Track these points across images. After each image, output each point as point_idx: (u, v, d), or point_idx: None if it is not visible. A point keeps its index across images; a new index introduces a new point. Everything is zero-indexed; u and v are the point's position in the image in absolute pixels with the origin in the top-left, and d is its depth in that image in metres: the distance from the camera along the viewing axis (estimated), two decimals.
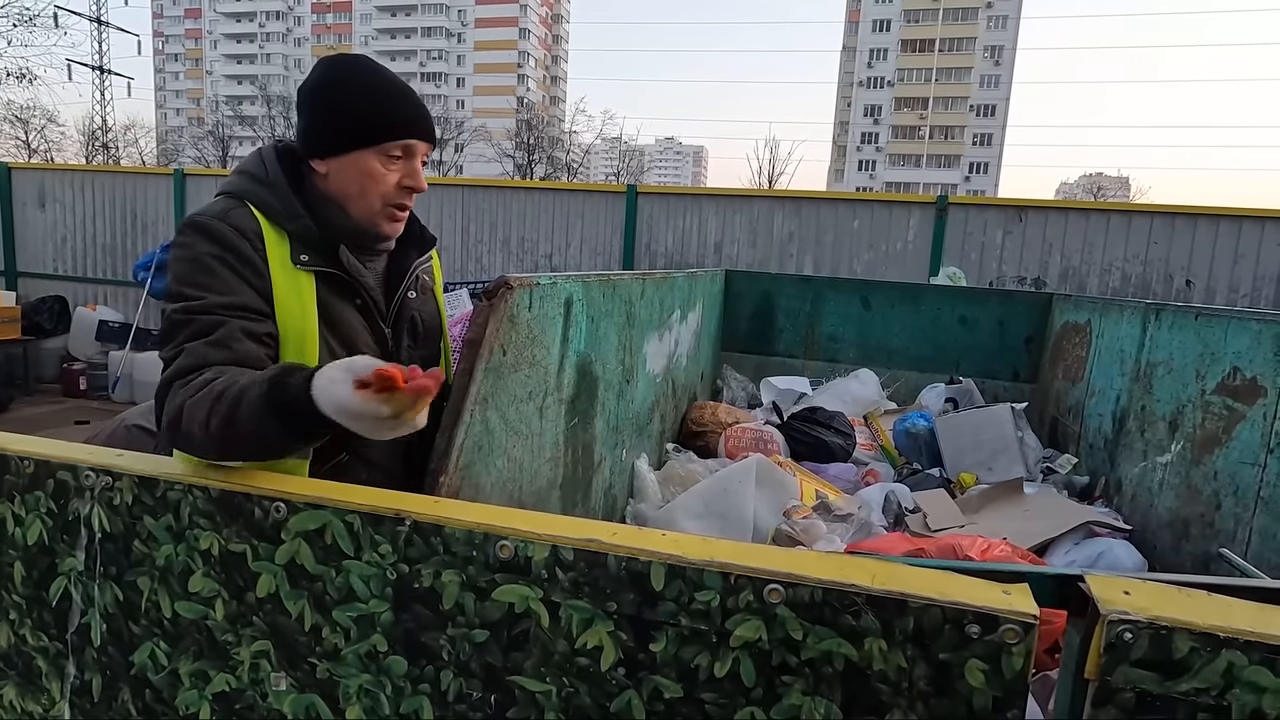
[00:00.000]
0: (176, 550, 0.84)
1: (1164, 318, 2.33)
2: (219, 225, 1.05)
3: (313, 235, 1.09)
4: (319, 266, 1.09)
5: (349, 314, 1.13)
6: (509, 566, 0.73)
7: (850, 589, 0.65)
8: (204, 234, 1.04)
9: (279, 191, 1.10)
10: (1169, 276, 5.01)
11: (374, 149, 1.09)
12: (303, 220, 1.09)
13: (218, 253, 1.03)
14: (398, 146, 1.10)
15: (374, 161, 1.09)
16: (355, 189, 1.10)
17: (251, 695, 0.83)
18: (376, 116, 1.09)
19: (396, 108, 1.10)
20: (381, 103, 1.09)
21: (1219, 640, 0.58)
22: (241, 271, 1.04)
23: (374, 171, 1.09)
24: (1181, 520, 2.05)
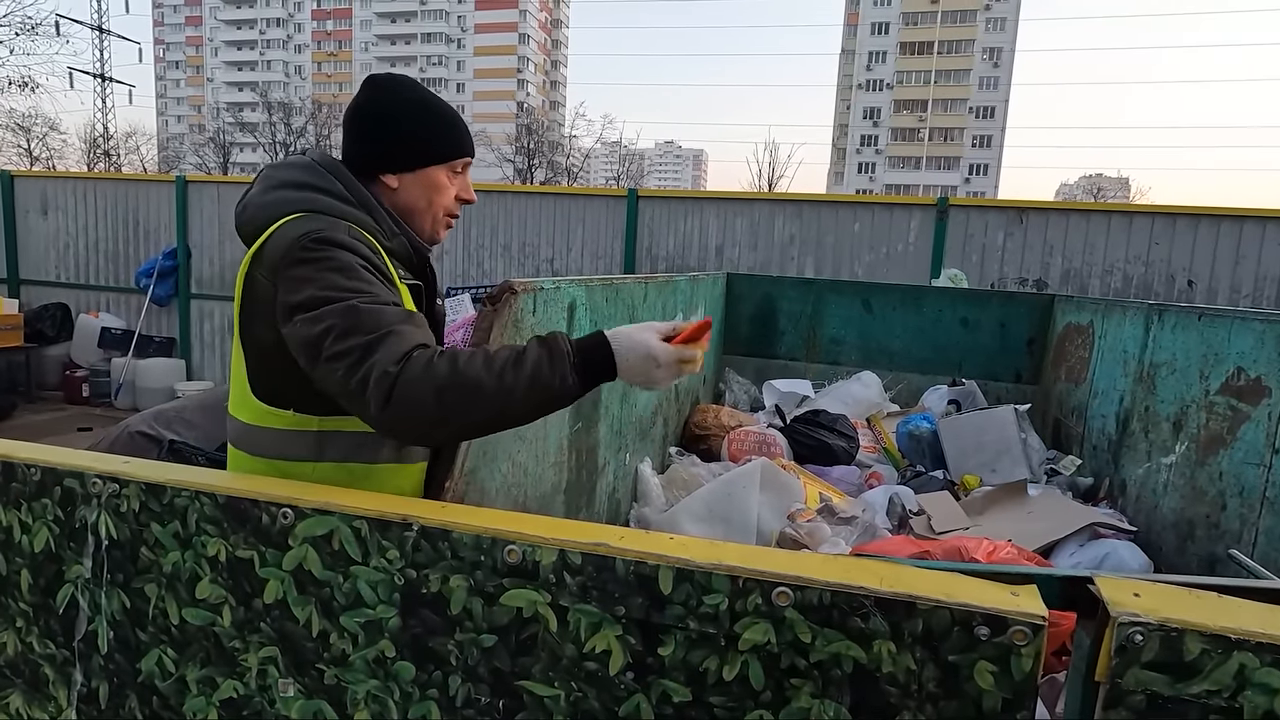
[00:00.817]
0: (184, 557, 0.84)
1: (1167, 318, 2.33)
2: (350, 240, 1.03)
3: (407, 251, 1.15)
4: (411, 279, 1.15)
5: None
6: (517, 571, 0.73)
7: (858, 591, 0.65)
8: (342, 247, 1.01)
9: (374, 210, 1.12)
10: (1171, 277, 5.01)
11: (445, 165, 1.17)
12: (399, 238, 1.14)
13: (362, 262, 1.01)
14: (461, 163, 1.19)
15: (443, 176, 1.18)
16: (424, 202, 1.17)
17: (259, 702, 0.83)
18: (448, 135, 1.18)
19: (461, 127, 1.20)
20: (450, 122, 1.19)
21: (1230, 642, 0.58)
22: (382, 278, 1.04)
23: (442, 185, 1.17)
24: (1187, 521, 2.05)
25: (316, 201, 1.07)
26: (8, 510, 0.93)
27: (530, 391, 0.91)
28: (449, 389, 0.89)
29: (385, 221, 1.12)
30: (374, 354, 0.90)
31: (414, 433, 0.95)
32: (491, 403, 0.90)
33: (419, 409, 0.89)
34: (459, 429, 0.94)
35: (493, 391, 0.90)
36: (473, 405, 0.90)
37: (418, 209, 1.17)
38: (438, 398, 0.89)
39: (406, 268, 1.16)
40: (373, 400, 0.89)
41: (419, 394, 0.88)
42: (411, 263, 1.17)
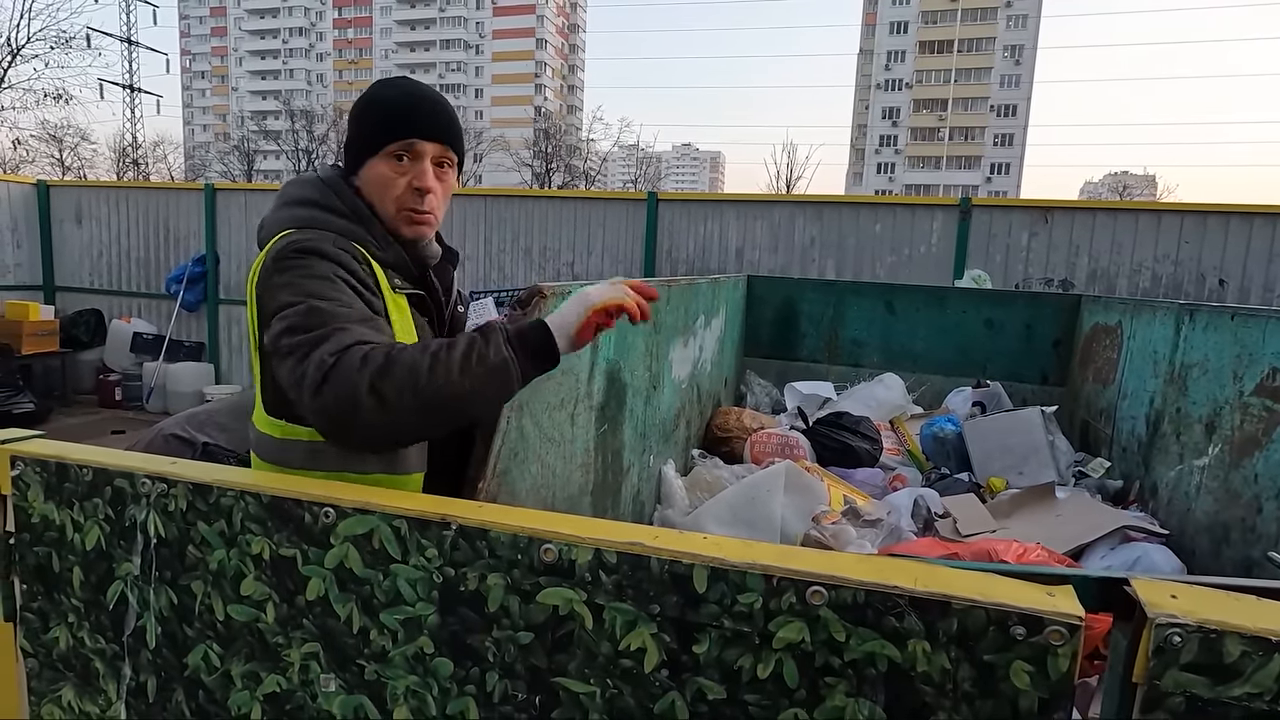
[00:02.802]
0: (229, 555, 0.87)
1: (1198, 318, 2.30)
2: (334, 250, 1.04)
3: (403, 261, 1.14)
4: (409, 288, 1.14)
5: (428, 332, 1.17)
6: (553, 569, 0.75)
7: (893, 591, 0.65)
8: (323, 256, 1.03)
9: (364, 221, 1.12)
10: (1201, 276, 4.91)
11: (380, 155, 1.12)
12: (394, 247, 1.13)
13: (339, 274, 1.02)
14: (399, 147, 1.11)
15: (383, 167, 1.12)
16: (376, 197, 1.13)
17: (301, 696, 0.86)
18: (378, 123, 1.12)
19: (398, 111, 1.12)
20: (385, 109, 1.13)
21: (1271, 644, 0.58)
22: (365, 296, 1.04)
23: (384, 177, 1.12)
24: (1221, 525, 2.01)
25: (315, 218, 1.10)
26: (60, 509, 0.96)
27: (465, 369, 0.91)
28: (381, 375, 0.89)
29: (377, 231, 1.12)
30: (318, 347, 0.92)
31: (345, 423, 0.91)
32: (426, 386, 0.89)
33: (350, 396, 0.89)
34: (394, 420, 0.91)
35: (426, 373, 0.89)
36: (405, 389, 0.89)
37: (375, 205, 1.13)
38: (370, 385, 0.89)
39: (405, 277, 1.14)
40: (307, 389, 0.90)
41: (351, 381, 0.89)
42: (410, 272, 1.15)
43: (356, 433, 0.93)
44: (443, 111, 1.15)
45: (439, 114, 1.14)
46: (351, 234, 1.09)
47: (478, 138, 49.01)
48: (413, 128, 1.12)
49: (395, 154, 1.12)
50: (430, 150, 1.13)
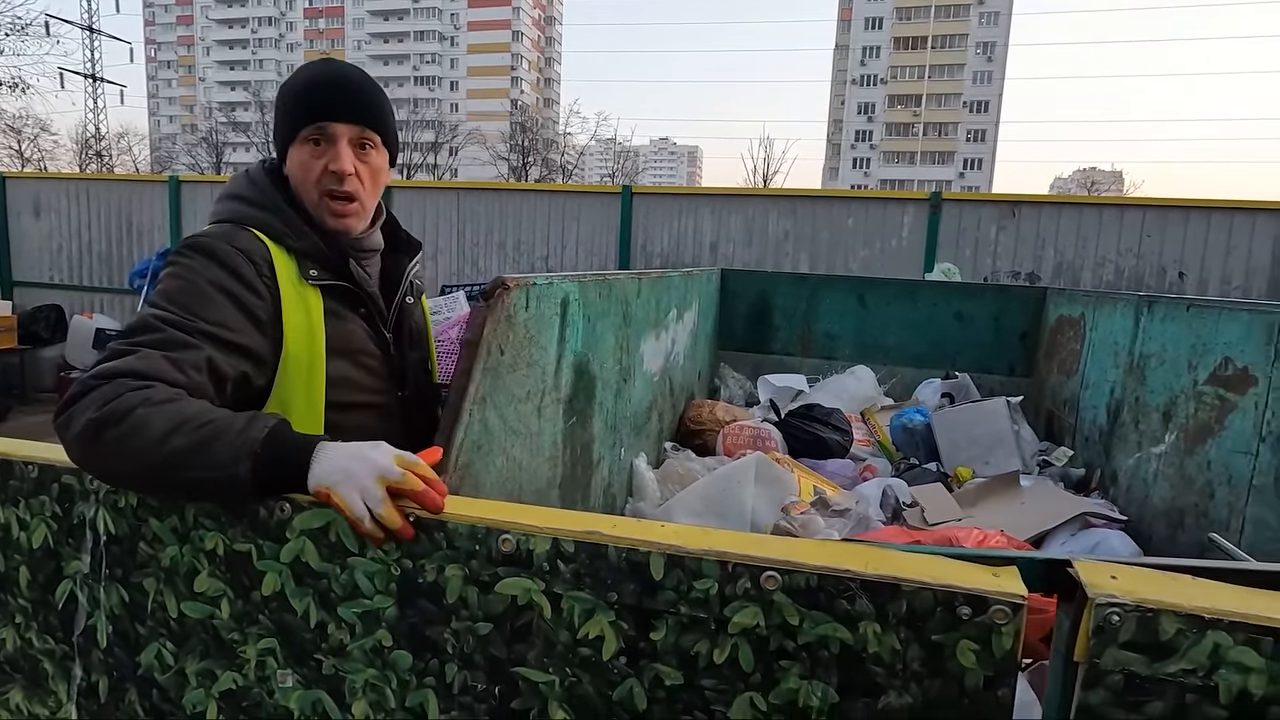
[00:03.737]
0: (182, 551, 0.85)
1: (1156, 310, 2.35)
2: (225, 248, 1.02)
3: (320, 251, 1.10)
4: (327, 280, 1.11)
5: (354, 324, 1.14)
6: (511, 560, 0.74)
7: (845, 574, 0.66)
8: (207, 256, 1.01)
9: (278, 211, 1.10)
10: (1162, 269, 5.04)
11: (297, 142, 1.09)
12: (309, 237, 1.10)
13: (218, 278, 1.00)
14: (311, 132, 1.08)
15: (300, 154, 1.10)
16: (298, 186, 1.11)
17: (258, 693, 0.85)
18: (291, 109, 1.10)
19: (308, 94, 1.09)
20: (297, 94, 1.09)
21: (1204, 622, 0.60)
22: (242, 299, 1.00)
23: (303, 163, 1.10)
24: (1176, 510, 2.07)
25: (235, 211, 1.09)
26: (5, 507, 0.94)
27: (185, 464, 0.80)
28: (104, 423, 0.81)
29: (294, 222, 1.09)
30: (107, 360, 0.88)
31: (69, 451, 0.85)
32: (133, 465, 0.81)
33: (69, 425, 0.83)
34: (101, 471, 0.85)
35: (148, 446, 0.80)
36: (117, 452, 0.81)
37: (300, 195, 1.10)
38: (88, 425, 0.81)
39: (323, 267, 1.10)
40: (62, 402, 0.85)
41: (82, 411, 0.82)
42: (328, 261, 1.11)
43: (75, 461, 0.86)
44: (356, 90, 1.11)
45: (351, 93, 1.10)
46: (265, 225, 1.08)
47: (453, 131, 48.49)
48: (323, 110, 1.08)
49: (310, 138, 1.09)
50: (345, 132, 1.09)
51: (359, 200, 1.13)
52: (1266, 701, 0.59)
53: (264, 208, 1.09)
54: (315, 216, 1.12)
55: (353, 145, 1.11)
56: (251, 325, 1.01)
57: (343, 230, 1.13)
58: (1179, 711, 0.60)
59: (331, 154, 1.09)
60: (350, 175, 1.10)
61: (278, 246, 1.07)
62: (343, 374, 1.09)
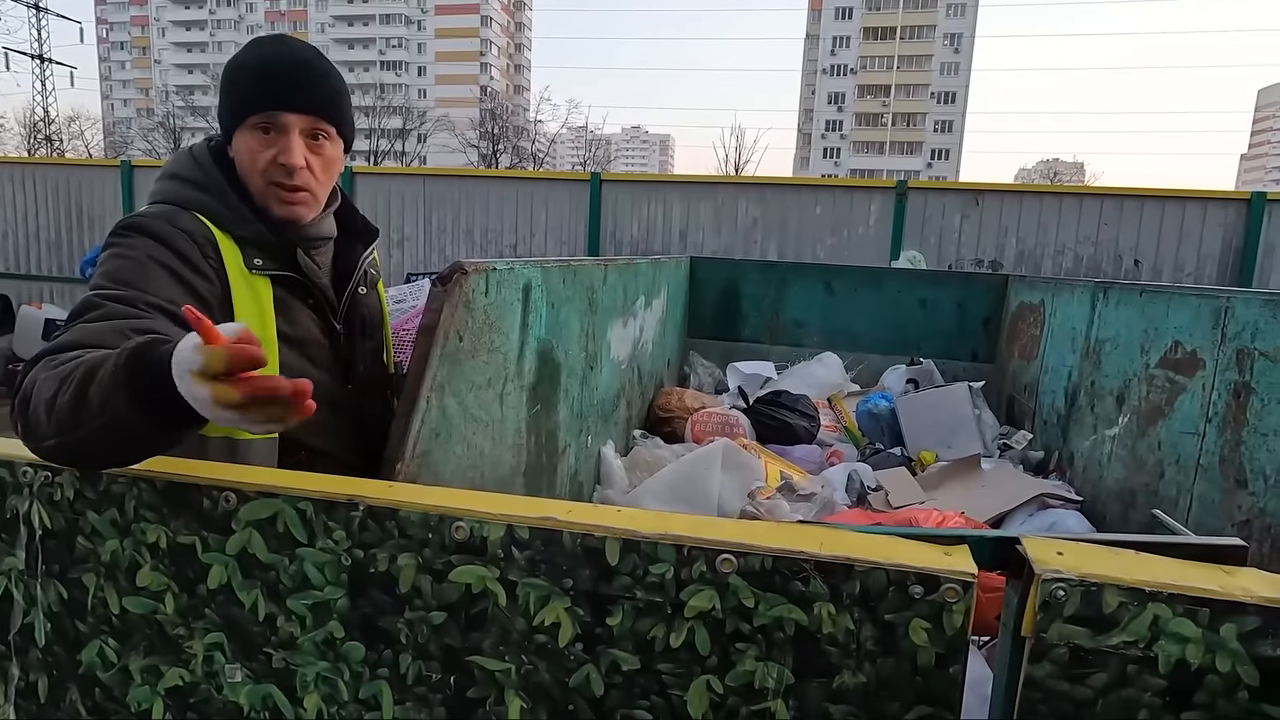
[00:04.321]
0: (122, 545, 0.82)
1: (1111, 296, 2.41)
2: (166, 228, 0.98)
3: (266, 239, 1.06)
4: (273, 270, 1.06)
5: (303, 315, 1.11)
6: (465, 548, 0.73)
7: (799, 556, 0.66)
8: (150, 235, 0.96)
9: (223, 195, 1.05)
10: (1119, 257, 5.17)
11: (243, 128, 1.04)
12: (254, 225, 1.05)
13: (161, 255, 0.95)
14: (260, 120, 1.03)
15: (248, 140, 1.04)
16: (244, 171, 1.06)
17: (206, 688, 0.82)
18: (239, 92, 1.04)
19: (257, 79, 1.03)
20: (246, 78, 1.04)
21: (1145, 594, 0.61)
22: (188, 279, 0.96)
23: (249, 150, 1.04)
24: (1129, 490, 2.14)
25: (174, 192, 1.04)
26: None
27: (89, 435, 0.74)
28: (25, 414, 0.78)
29: (238, 208, 1.04)
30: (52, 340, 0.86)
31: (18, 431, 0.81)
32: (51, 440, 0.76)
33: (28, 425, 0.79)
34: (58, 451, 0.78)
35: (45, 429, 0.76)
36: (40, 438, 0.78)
37: (243, 180, 1.05)
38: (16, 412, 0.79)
39: (269, 256, 1.05)
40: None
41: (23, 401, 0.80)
42: (274, 250, 1.06)
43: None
44: (310, 77, 1.05)
45: (305, 81, 1.04)
46: (209, 209, 1.03)
47: (421, 117, 47.65)
48: (274, 98, 1.02)
49: (259, 126, 1.03)
50: (297, 123, 1.04)
51: (309, 190, 1.08)
52: (1202, 671, 0.60)
53: (207, 190, 1.05)
54: (261, 204, 1.07)
55: (305, 136, 1.06)
56: (199, 304, 0.95)
57: (291, 218, 1.08)
58: (1121, 682, 0.62)
59: (282, 145, 1.03)
60: (301, 169, 1.05)
61: (222, 232, 1.03)
62: (290, 364, 1.06)
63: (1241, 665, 0.60)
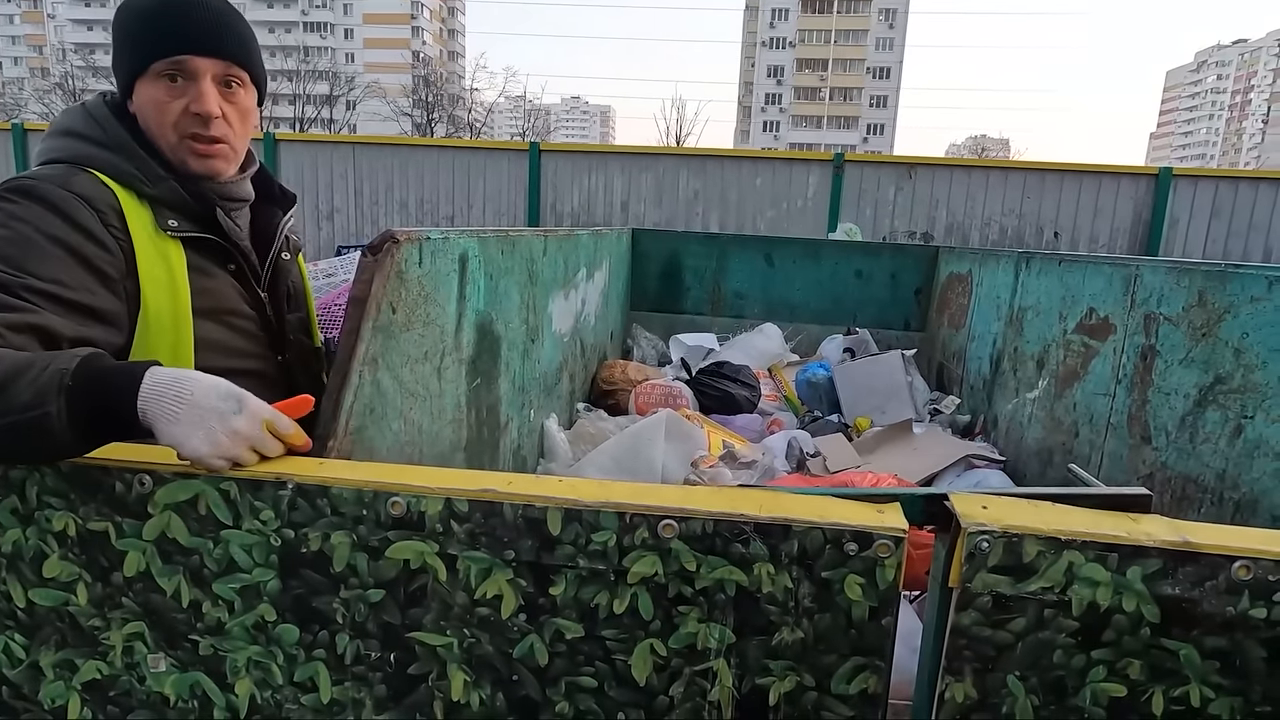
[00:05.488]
0: (25, 534, 0.77)
1: (1033, 265, 2.53)
2: (60, 193, 0.89)
3: (179, 198, 0.99)
4: (189, 232, 0.99)
5: (222, 281, 1.04)
6: (402, 523, 0.71)
7: (739, 519, 0.67)
8: (40, 202, 0.87)
9: (129, 152, 0.97)
10: (1040, 229, 5.43)
11: (148, 76, 0.97)
12: (166, 182, 0.98)
13: (51, 227, 0.87)
14: (166, 66, 0.96)
15: (153, 90, 0.97)
16: (152, 126, 0.99)
17: (127, 680, 0.78)
18: (141, 37, 0.97)
19: (162, 22, 0.96)
20: (146, 20, 0.96)
21: (1060, 543, 0.65)
22: (83, 251, 0.88)
23: (156, 101, 0.97)
24: (1047, 449, 2.26)
25: (71, 150, 0.96)
26: None
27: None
28: None
29: (147, 165, 0.97)
30: None
31: None
32: None
33: None
34: None
35: None
36: None
37: (152, 136, 0.98)
38: None
39: (185, 217, 0.99)
40: None
41: None
42: (191, 210, 1.00)
43: None
44: (220, 20, 0.99)
45: (214, 23, 0.98)
46: (112, 167, 0.95)
47: (349, 83, 45.44)
48: (183, 41, 0.96)
49: (166, 74, 0.96)
50: (208, 68, 0.98)
51: (227, 142, 1.01)
52: (1110, 611, 0.65)
53: (107, 147, 0.96)
54: (174, 159, 1.00)
55: (217, 83, 0.99)
56: (96, 281, 0.89)
57: (209, 173, 1.01)
58: (1038, 625, 0.66)
59: (194, 93, 0.97)
60: (217, 118, 0.99)
61: (127, 192, 0.95)
62: (212, 337, 1.00)
63: (1145, 605, 0.64)
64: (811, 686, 0.70)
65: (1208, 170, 5.56)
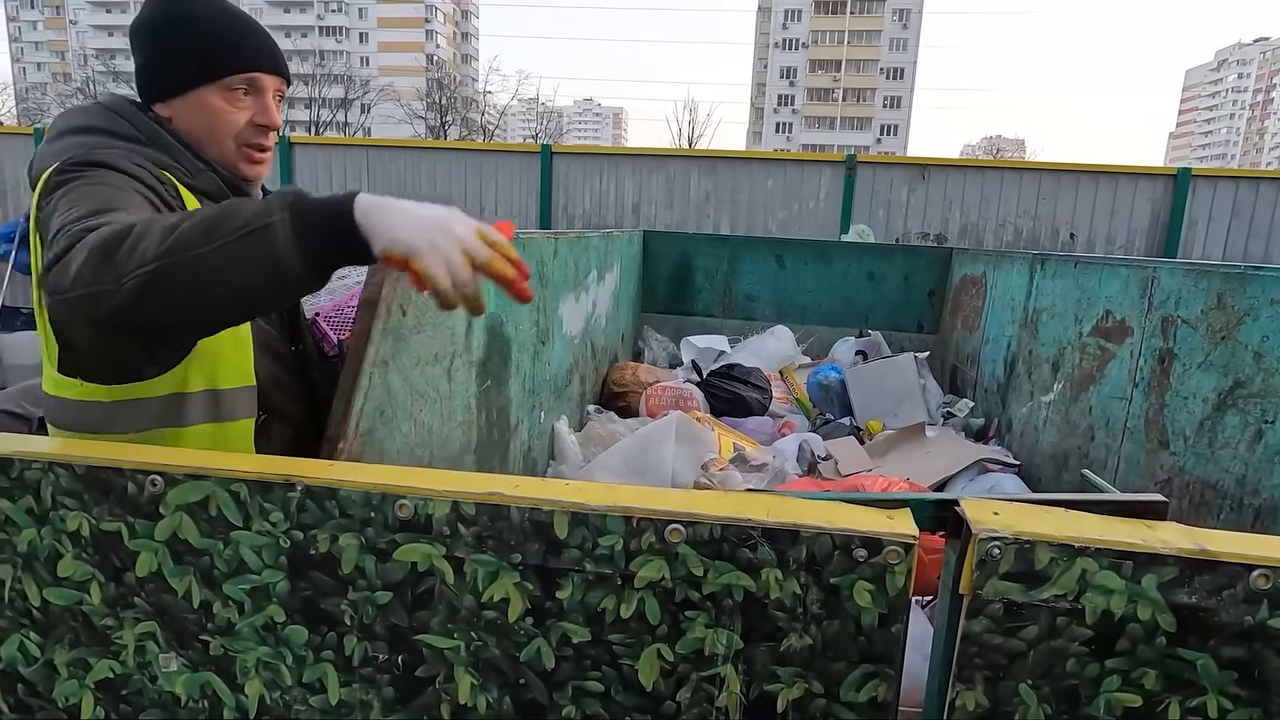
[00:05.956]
0: (40, 534, 0.77)
1: (1048, 267, 2.50)
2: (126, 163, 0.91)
3: (220, 190, 1.02)
4: None
5: None
6: (409, 526, 0.71)
7: (747, 524, 0.67)
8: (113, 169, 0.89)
9: (165, 145, 1.00)
10: (1055, 230, 5.37)
11: (214, 85, 1.01)
12: (207, 174, 1.02)
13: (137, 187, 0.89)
14: (240, 81, 1.02)
15: (216, 99, 1.01)
16: (204, 131, 1.02)
17: (139, 679, 0.79)
18: (211, 49, 1.01)
19: (234, 37, 1.02)
20: (217, 33, 1.02)
21: (1074, 550, 0.64)
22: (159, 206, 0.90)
23: (218, 110, 1.01)
24: (1062, 453, 2.24)
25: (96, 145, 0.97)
26: None
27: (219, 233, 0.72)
28: (117, 236, 0.73)
29: (185, 157, 1.00)
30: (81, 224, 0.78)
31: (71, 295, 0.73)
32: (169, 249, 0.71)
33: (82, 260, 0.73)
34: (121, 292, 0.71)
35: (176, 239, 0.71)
36: (136, 250, 0.72)
37: (199, 140, 1.02)
38: (104, 247, 0.72)
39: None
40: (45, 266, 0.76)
41: (92, 244, 0.73)
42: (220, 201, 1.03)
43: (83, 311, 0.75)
44: (271, 40, 1.08)
45: (271, 43, 1.07)
46: (154, 160, 0.98)
47: (364, 86, 45.83)
48: (256, 58, 1.03)
49: (237, 86, 1.02)
50: (272, 84, 1.05)
51: (270, 151, 1.09)
52: (1125, 620, 0.63)
53: (140, 141, 0.98)
54: (224, 163, 1.04)
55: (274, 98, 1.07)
56: None
57: (255, 177, 1.08)
58: (1050, 633, 0.65)
59: (259, 106, 1.04)
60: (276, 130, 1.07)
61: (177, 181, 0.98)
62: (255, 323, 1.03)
63: (1160, 613, 0.63)
64: (820, 693, 0.69)
65: (1228, 170, 5.48)
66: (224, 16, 1.03)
